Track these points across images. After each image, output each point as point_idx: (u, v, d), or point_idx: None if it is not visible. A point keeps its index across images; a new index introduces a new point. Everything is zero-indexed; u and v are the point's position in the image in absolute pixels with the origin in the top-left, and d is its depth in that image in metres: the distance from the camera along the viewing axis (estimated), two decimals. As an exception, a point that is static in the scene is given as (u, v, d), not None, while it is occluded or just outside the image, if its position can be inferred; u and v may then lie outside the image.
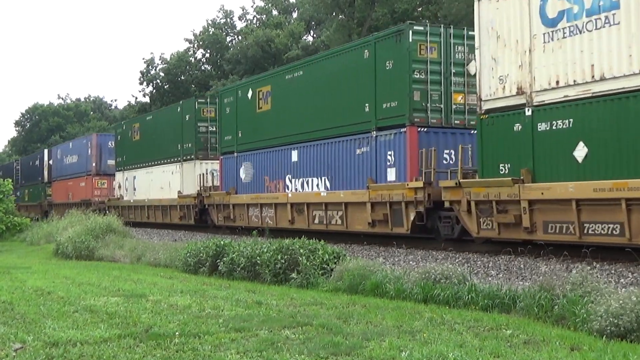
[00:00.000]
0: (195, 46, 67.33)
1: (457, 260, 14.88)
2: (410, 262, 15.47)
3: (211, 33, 65.34)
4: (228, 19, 67.43)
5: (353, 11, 43.81)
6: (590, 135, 12.79)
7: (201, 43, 66.16)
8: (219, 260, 16.38)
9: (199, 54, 67.54)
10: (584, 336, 8.36)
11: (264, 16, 65.24)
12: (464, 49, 17.77)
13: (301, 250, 14.27)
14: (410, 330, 8.68)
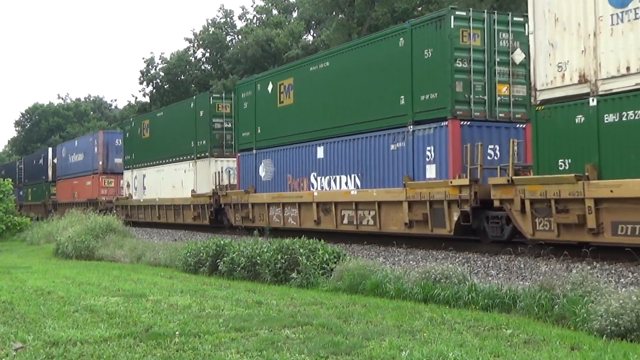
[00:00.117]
0: (195, 46, 67.31)
1: (457, 260, 14.89)
2: (410, 262, 15.47)
3: (211, 32, 65.30)
4: (228, 19, 67.42)
5: (353, 11, 43.79)
6: None
7: (201, 42, 66.14)
8: (219, 260, 16.39)
9: (199, 54, 67.55)
10: (584, 336, 8.36)
11: (264, 16, 65.23)
12: (509, 36, 16.51)
13: (301, 250, 14.28)
14: (410, 329, 8.68)
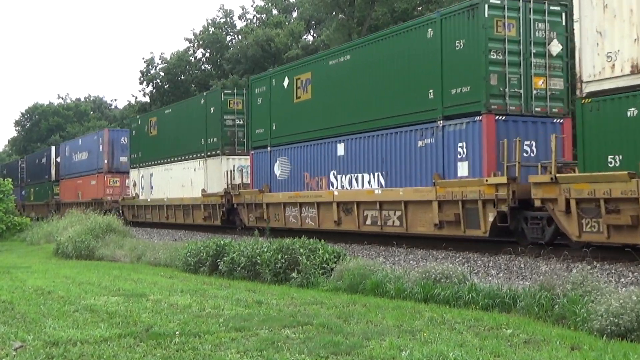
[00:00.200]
0: (195, 46, 67.27)
1: (458, 259, 14.89)
2: (410, 262, 15.47)
3: (211, 32, 65.28)
4: (228, 19, 67.39)
5: (353, 10, 43.75)
6: None
7: (201, 42, 66.11)
8: (219, 259, 16.39)
9: (199, 54, 67.50)
10: (585, 335, 8.36)
11: (264, 15, 65.22)
12: (545, 26, 15.71)
13: (301, 249, 14.28)
14: (410, 329, 8.68)
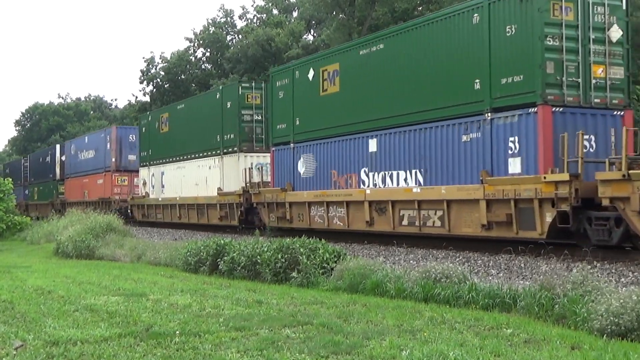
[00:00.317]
0: (195, 45, 67.29)
1: (458, 259, 14.88)
2: (410, 261, 15.46)
3: (211, 32, 65.30)
4: (228, 18, 67.42)
5: (353, 10, 43.74)
6: None
7: (201, 42, 66.13)
8: (220, 259, 16.38)
9: (199, 53, 67.54)
10: (585, 335, 8.36)
11: (264, 15, 65.23)
12: (605, 10, 14.57)
13: (301, 249, 14.28)
14: (410, 329, 8.68)
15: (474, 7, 15.59)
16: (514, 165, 14.57)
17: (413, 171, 17.09)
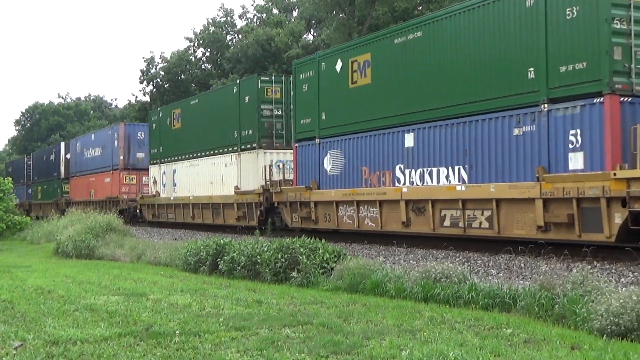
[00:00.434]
0: (195, 45, 67.34)
1: (458, 259, 14.88)
2: (410, 261, 15.46)
3: (211, 32, 65.33)
4: (228, 18, 67.47)
5: (353, 10, 43.77)
6: None
7: (201, 42, 66.17)
8: (219, 259, 16.38)
9: (199, 53, 67.60)
10: (585, 335, 8.36)
11: (264, 15, 65.28)
12: None
13: (301, 249, 14.28)
14: (410, 329, 8.68)
15: None
16: (576, 160, 13.32)
17: (456, 168, 15.88)
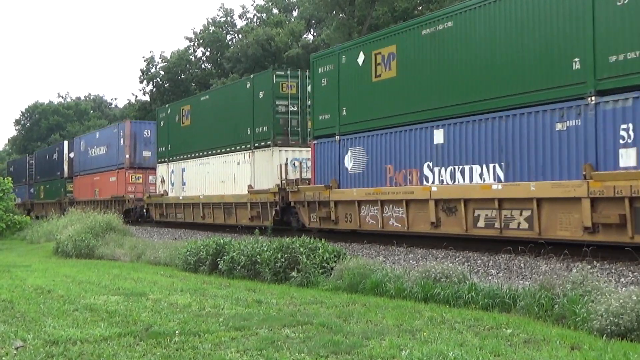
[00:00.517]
0: (195, 44, 67.41)
1: (457, 259, 14.88)
2: (410, 261, 15.45)
3: (211, 31, 65.39)
4: (228, 18, 67.52)
5: (353, 10, 43.80)
6: None
7: (201, 41, 66.23)
8: (219, 258, 16.38)
9: (199, 53, 67.68)
10: (585, 335, 8.35)
11: (264, 15, 65.32)
12: None
13: (301, 249, 14.27)
14: (410, 329, 8.68)
15: None
16: (627, 157, 12.33)
17: (491, 165, 15.00)
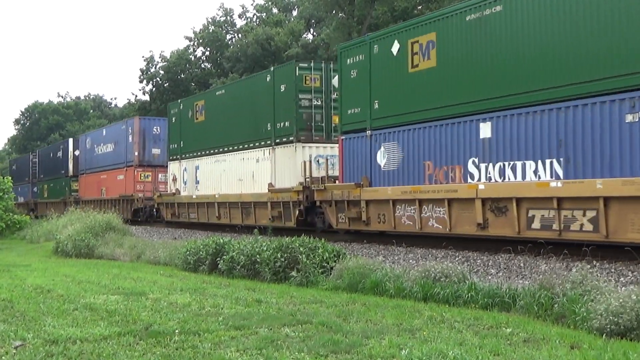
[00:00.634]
0: (195, 44, 67.42)
1: (457, 258, 14.88)
2: (410, 261, 15.45)
3: (211, 31, 65.39)
4: (228, 17, 67.52)
5: (353, 9, 43.77)
6: None
7: (201, 41, 66.23)
8: (219, 258, 16.38)
9: (199, 52, 67.68)
10: (584, 334, 8.36)
11: (264, 14, 65.32)
12: None
13: (301, 248, 14.27)
14: (410, 328, 8.68)
15: None
16: None
17: (547, 161, 13.73)
